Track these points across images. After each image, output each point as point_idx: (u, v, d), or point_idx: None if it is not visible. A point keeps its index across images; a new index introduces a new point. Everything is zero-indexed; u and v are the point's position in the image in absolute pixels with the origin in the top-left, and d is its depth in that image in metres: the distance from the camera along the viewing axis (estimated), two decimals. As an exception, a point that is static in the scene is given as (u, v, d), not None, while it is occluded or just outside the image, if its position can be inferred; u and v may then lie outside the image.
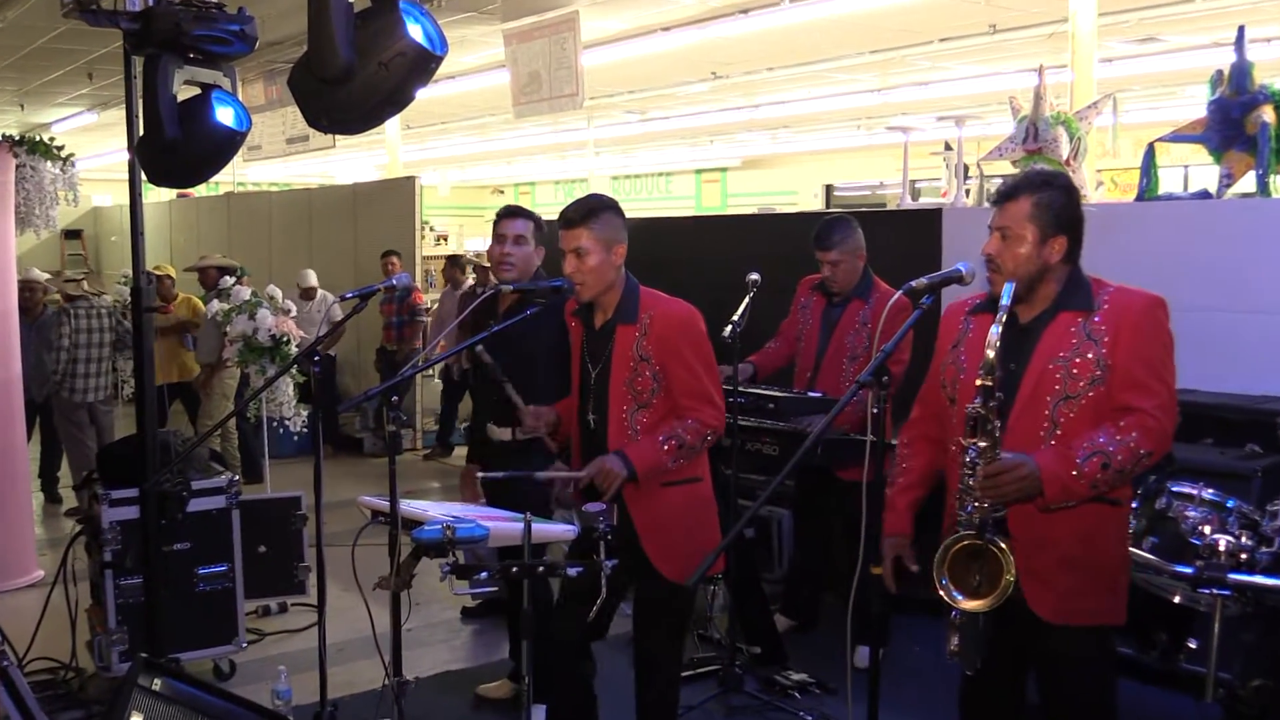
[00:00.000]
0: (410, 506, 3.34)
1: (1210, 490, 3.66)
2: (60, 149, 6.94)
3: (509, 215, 4.63)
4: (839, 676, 5.04)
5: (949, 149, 7.69)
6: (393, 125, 14.02)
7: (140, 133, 4.08)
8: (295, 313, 7.71)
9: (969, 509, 2.93)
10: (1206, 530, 3.43)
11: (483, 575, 3.04)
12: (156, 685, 3.32)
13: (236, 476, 5.52)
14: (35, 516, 7.69)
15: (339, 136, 12.00)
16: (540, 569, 3.07)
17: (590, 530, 3.11)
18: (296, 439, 10.13)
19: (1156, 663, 4.37)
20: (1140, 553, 3.40)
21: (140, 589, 4.87)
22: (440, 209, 24.50)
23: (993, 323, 2.91)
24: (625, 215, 3.78)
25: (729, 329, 4.93)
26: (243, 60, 4.24)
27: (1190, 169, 13.31)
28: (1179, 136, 5.70)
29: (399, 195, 11.74)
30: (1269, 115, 5.24)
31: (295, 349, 7.37)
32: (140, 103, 4.07)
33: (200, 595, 5.26)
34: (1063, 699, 3.09)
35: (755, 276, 5.23)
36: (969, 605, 2.93)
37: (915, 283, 3.02)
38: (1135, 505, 3.46)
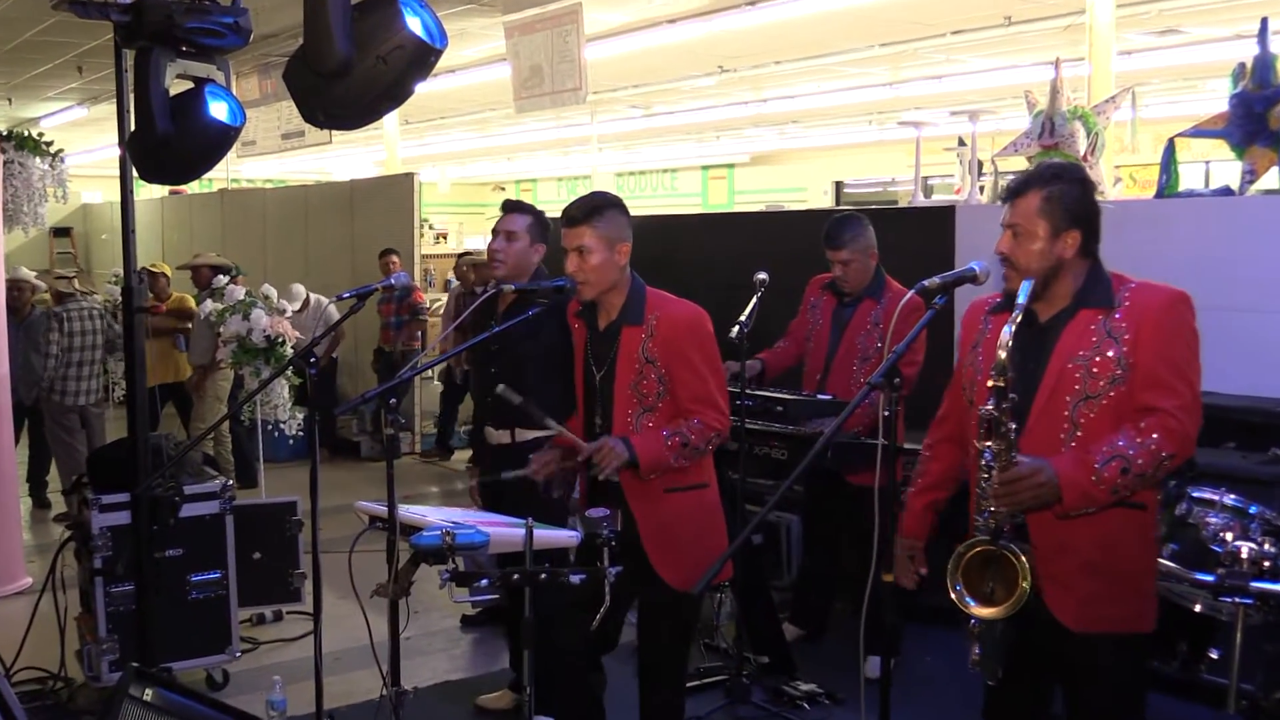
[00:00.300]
0: (409, 512, 3.34)
1: (1232, 496, 3.65)
2: (49, 144, 6.96)
3: (505, 210, 4.67)
4: (849, 687, 5.04)
5: (962, 144, 7.68)
6: (391, 120, 14.04)
7: (131, 128, 4.09)
8: (290, 313, 7.72)
9: (985, 514, 2.93)
10: (1228, 537, 3.42)
11: (483, 583, 3.04)
12: (148, 696, 3.32)
13: (230, 481, 5.52)
14: (23, 522, 7.71)
15: (336, 132, 12.03)
16: (542, 576, 3.07)
17: (594, 537, 3.11)
18: (292, 442, 10.08)
19: (1177, 673, 4.36)
20: (1160, 560, 3.39)
21: (131, 596, 4.87)
22: (440, 206, 24.52)
23: (1010, 322, 2.90)
24: (630, 213, 3.78)
25: (736, 329, 4.93)
26: (237, 53, 4.25)
27: (1212, 165, 13.30)
28: (1200, 131, 5.69)
29: (397, 192, 11.74)
30: (1293, 109, 5.23)
31: (290, 350, 7.38)
32: (131, 97, 4.07)
33: (193, 603, 5.26)
34: (1087, 710, 3.08)
35: (763, 276, 5.23)
36: (982, 612, 2.92)
37: (928, 282, 3.02)
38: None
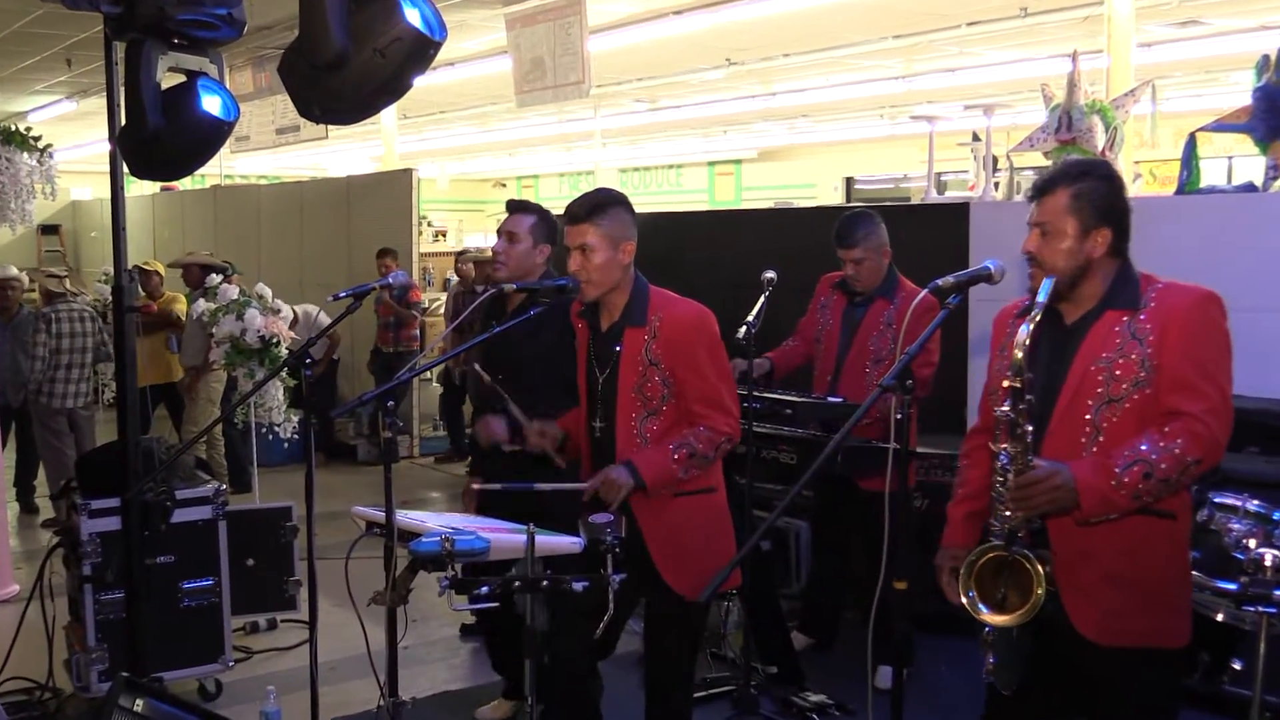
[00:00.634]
0: (407, 517, 3.34)
1: (1255, 502, 3.66)
2: (37, 139, 6.96)
3: (510, 210, 4.68)
4: (859, 698, 5.04)
5: (977, 140, 7.69)
6: (389, 115, 14.05)
7: (122, 122, 4.09)
8: (285, 312, 7.72)
9: (1001, 519, 2.93)
10: (1251, 544, 3.43)
11: (483, 590, 3.04)
12: (138, 706, 3.33)
13: (223, 486, 5.53)
14: (10, 528, 7.71)
15: (332, 127, 12.03)
16: (544, 583, 3.07)
17: (597, 542, 3.12)
18: (286, 446, 10.10)
19: (1199, 685, 4.37)
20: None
21: (121, 604, 4.88)
22: (439, 203, 24.56)
23: (1029, 320, 2.90)
24: (634, 210, 3.79)
25: (743, 329, 4.93)
26: (230, 46, 4.24)
27: (1234, 160, 13.29)
28: (1222, 126, 5.69)
29: (395, 189, 11.75)
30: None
31: (285, 351, 7.38)
32: (122, 91, 4.07)
33: (185, 611, 5.27)
34: None
35: (771, 275, 5.23)
36: (994, 619, 2.92)
37: (942, 281, 3.02)
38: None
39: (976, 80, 13.27)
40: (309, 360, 4.22)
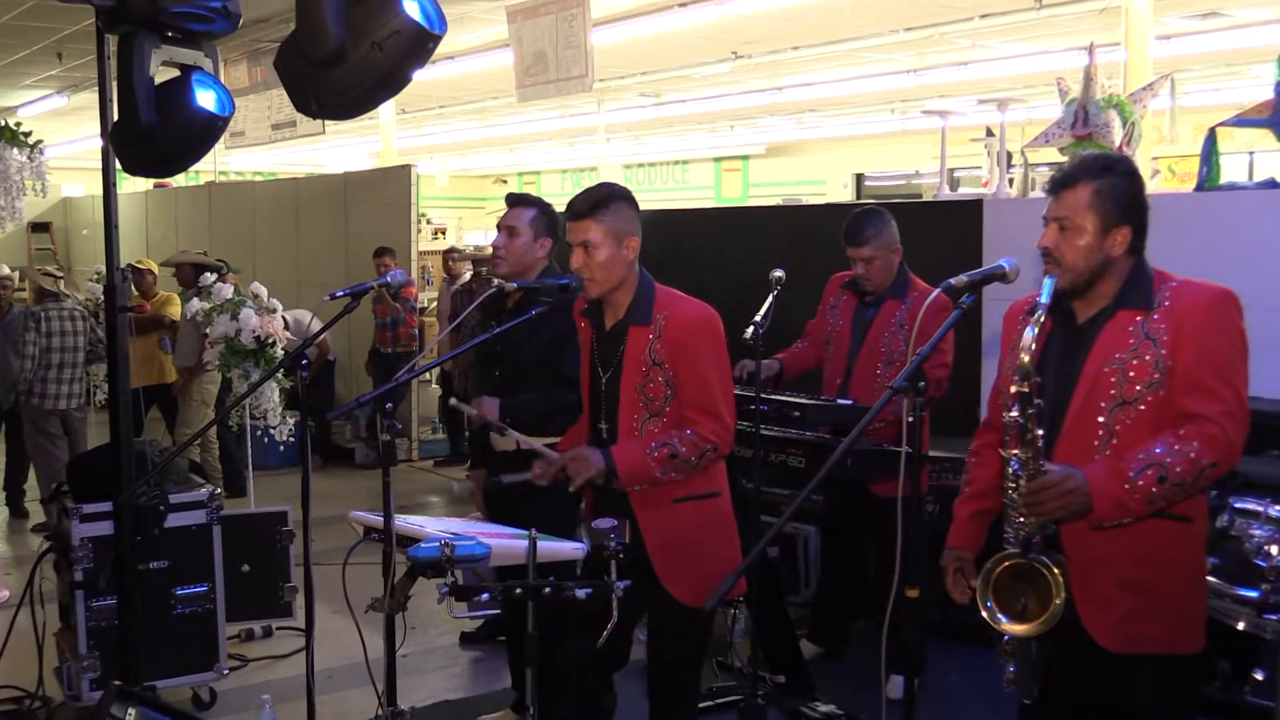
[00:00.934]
0: (406, 522, 3.34)
1: (1277, 507, 3.65)
2: (27, 135, 6.98)
3: (509, 204, 4.66)
4: (871, 708, 5.03)
5: (991, 135, 7.67)
6: (387, 110, 14.06)
7: (114, 117, 4.09)
8: (281, 312, 7.73)
9: (1014, 525, 2.93)
10: (1273, 551, 3.43)
11: (484, 597, 3.04)
12: (130, 716, 3.33)
13: (218, 490, 5.53)
14: None
15: (329, 122, 12.04)
16: (546, 590, 3.07)
17: (600, 549, 3.11)
18: (283, 449, 10.16)
19: (1218, 694, 4.36)
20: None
21: (113, 611, 4.88)
22: (438, 200, 24.57)
23: (1034, 323, 2.90)
24: (639, 206, 3.79)
25: (750, 330, 4.92)
26: (225, 39, 4.26)
27: (1256, 156, 13.29)
28: (1243, 120, 5.69)
29: (393, 185, 11.76)
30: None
31: (281, 352, 7.39)
32: (114, 85, 4.08)
33: (178, 618, 5.27)
34: None
35: (779, 273, 5.22)
36: (1015, 629, 2.92)
37: (955, 280, 3.02)
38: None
39: (990, 74, 13.26)
40: (304, 360, 4.22)
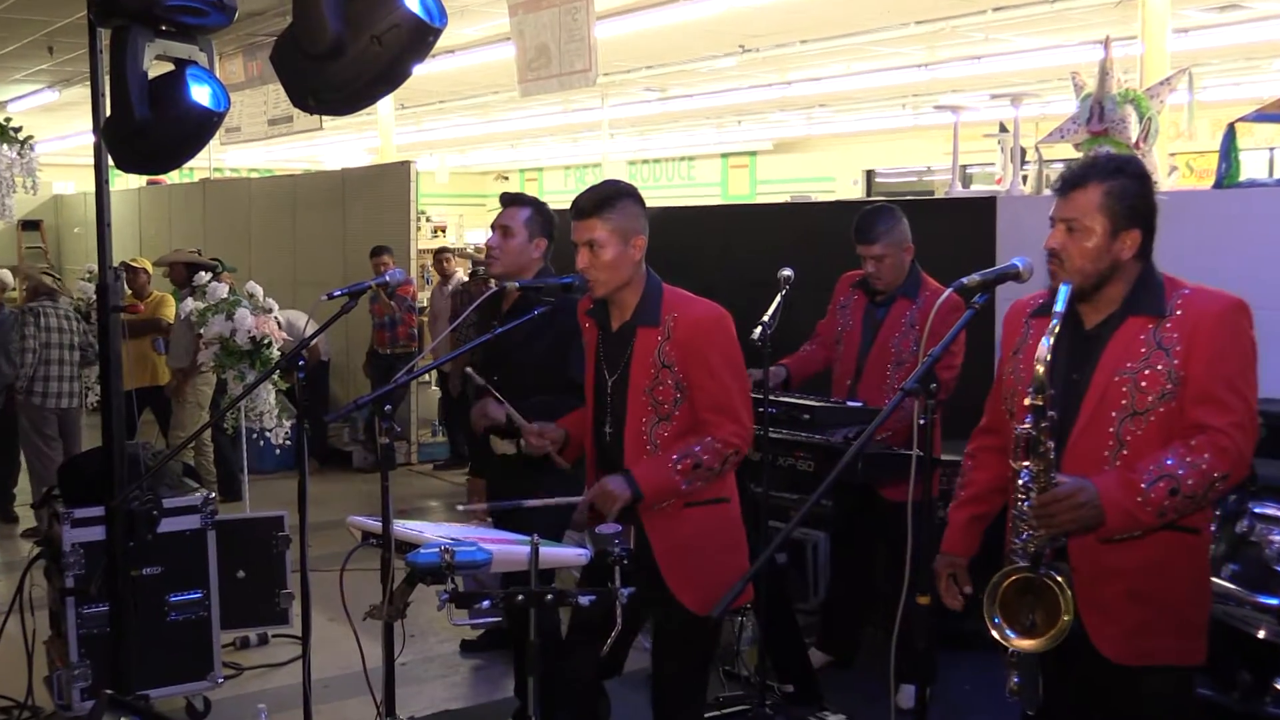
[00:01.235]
0: (405, 528, 3.34)
1: (1298, 512, 3.64)
2: (17, 131, 6.99)
3: (503, 203, 4.68)
4: (881, 718, 5.03)
5: (1004, 131, 7.66)
6: (386, 105, 14.07)
7: (107, 113, 4.10)
8: (277, 312, 7.73)
9: (1023, 538, 2.93)
10: (1294, 557, 3.42)
11: (484, 604, 3.04)
12: (123, 725, 3.33)
13: (212, 494, 5.54)
14: (-11, 538, 7.73)
15: (326, 118, 12.05)
16: (548, 597, 3.07)
17: (604, 555, 3.11)
18: (279, 452, 10.15)
19: (1237, 705, 4.35)
20: (1220, 582, 3.39)
21: (105, 618, 4.88)
22: (438, 197, 24.56)
23: (1049, 333, 2.89)
24: (645, 204, 3.79)
25: (759, 330, 4.92)
26: (221, 33, 4.26)
27: (1276, 152, 13.27)
28: (1263, 116, 5.69)
29: (392, 182, 11.77)
30: (1364, 92, 5.22)
31: (277, 353, 7.39)
32: (107, 80, 4.08)
33: (172, 625, 5.28)
34: None
35: (788, 272, 5.22)
36: (1023, 645, 2.92)
37: (967, 280, 3.02)
38: (1213, 529, 3.45)
39: (1003, 68, 13.25)
40: (301, 361, 4.22)
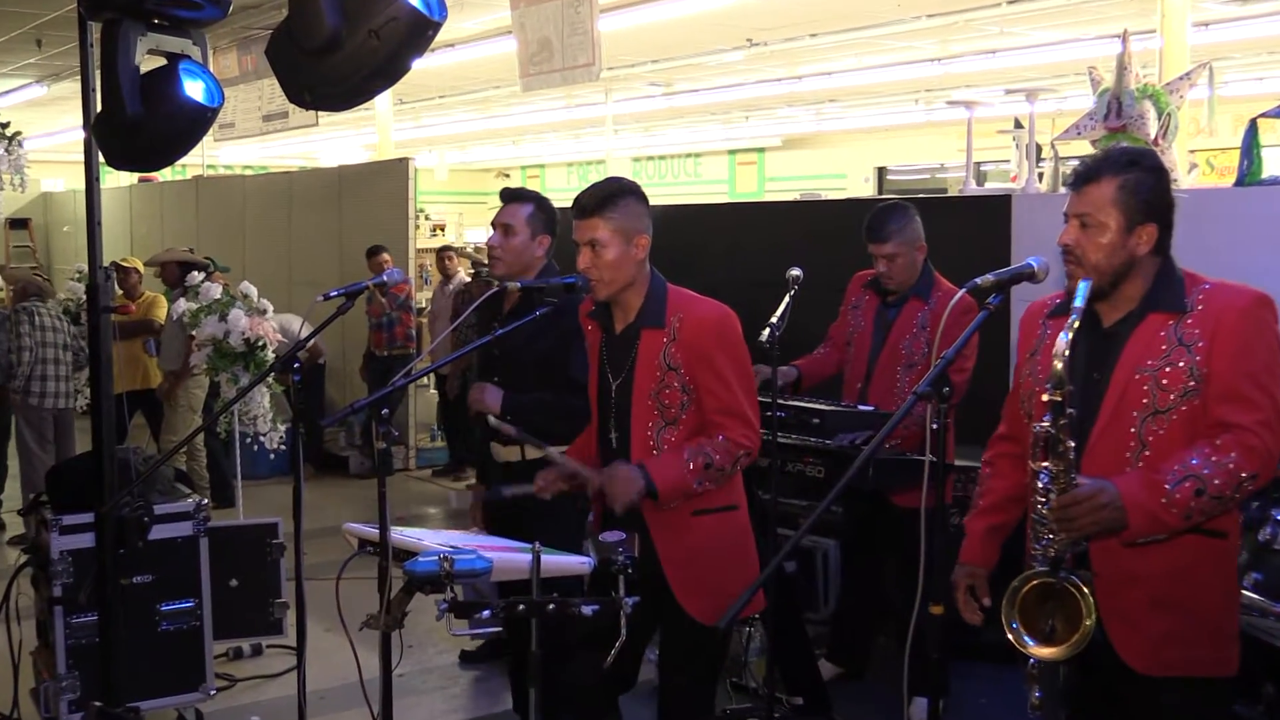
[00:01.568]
0: (403, 535, 3.35)
1: (1323, 519, 3.63)
2: (5, 126, 7.00)
3: (504, 200, 4.63)
4: (893, 732, 5.03)
5: (1019, 127, 7.66)
6: (383, 101, 14.08)
7: (97, 108, 4.10)
8: (272, 313, 7.74)
9: (1043, 542, 2.92)
10: (1319, 566, 3.41)
11: (484, 614, 3.04)
12: (113, 738, 3.34)
13: (205, 500, 5.54)
14: (-24, 545, 7.74)
15: (323, 114, 12.07)
16: (550, 607, 3.07)
17: (608, 563, 3.11)
18: (273, 457, 10.12)
19: (1262, 719, 4.34)
20: (1243, 591, 3.38)
21: (94, 628, 4.89)
22: (437, 195, 24.58)
23: (1068, 328, 2.88)
24: (649, 201, 3.78)
25: (767, 332, 4.91)
26: (215, 27, 4.26)
27: (1299, 149, 13.24)
28: (1286, 112, 5.67)
29: (390, 179, 11.78)
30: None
31: (272, 355, 7.39)
32: (97, 74, 4.09)
33: (163, 635, 5.28)
34: None
35: (797, 272, 5.22)
36: (1042, 653, 2.91)
37: (981, 280, 3.02)
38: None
39: (1018, 63, 13.24)
40: (297, 364, 4.21)
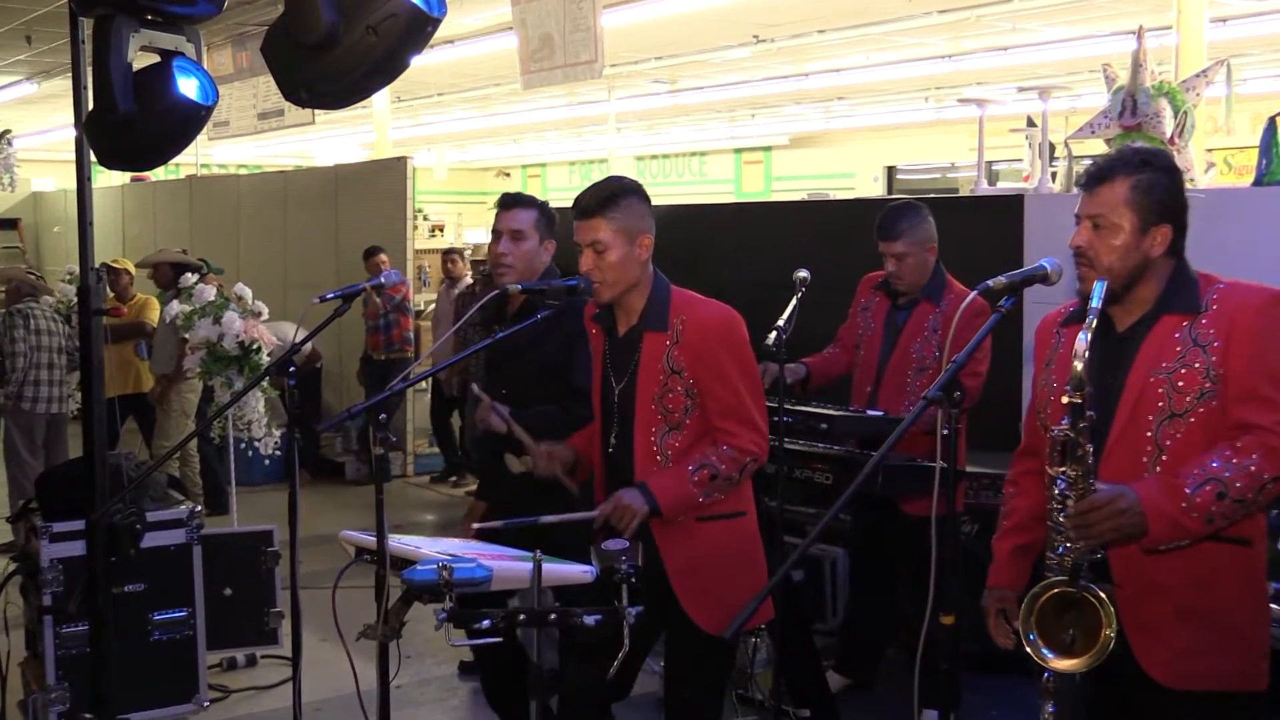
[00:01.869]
0: (400, 543, 3.34)
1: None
2: (-5, 125, 6.99)
3: (506, 206, 4.57)
4: (903, 745, 5.03)
5: (1032, 125, 7.66)
6: (381, 98, 14.09)
7: (89, 106, 4.11)
8: (267, 315, 7.75)
9: (1060, 550, 2.91)
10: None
11: (484, 624, 3.04)
12: (105, 750, 3.34)
13: (198, 507, 5.55)
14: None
15: (319, 112, 12.08)
16: (552, 617, 3.07)
17: (611, 572, 3.11)
18: (268, 463, 10.16)
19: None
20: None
21: (85, 638, 4.89)
22: (436, 195, 24.61)
23: (1086, 329, 2.88)
24: (651, 201, 3.79)
25: (773, 335, 4.91)
26: (209, 23, 4.26)
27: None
28: (1306, 109, 5.67)
29: (388, 179, 11.79)
30: None
31: (267, 358, 7.40)
32: (89, 71, 4.09)
33: (155, 645, 5.28)
34: None
35: (804, 274, 5.22)
36: (1061, 665, 2.89)
37: (993, 282, 3.02)
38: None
39: (1031, 59, 13.25)
40: (292, 368, 4.21)
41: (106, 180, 17.87)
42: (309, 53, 3.61)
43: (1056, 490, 2.90)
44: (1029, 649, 2.92)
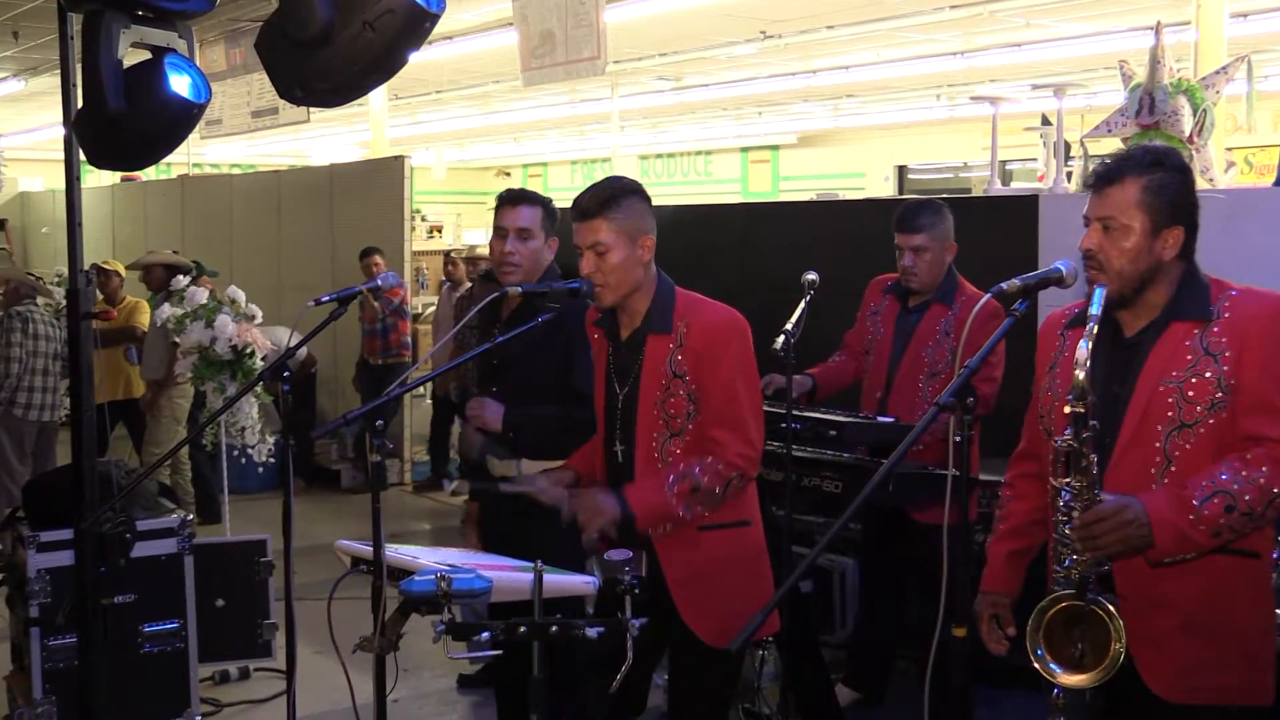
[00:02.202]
0: (398, 553, 3.34)
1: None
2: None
3: (510, 202, 4.50)
4: (914, 761, 5.02)
5: (1047, 124, 7.67)
6: (378, 96, 14.12)
7: (78, 104, 4.11)
8: (261, 319, 7.75)
9: (1066, 564, 2.91)
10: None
11: (484, 636, 3.04)
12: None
13: (190, 515, 5.55)
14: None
15: (314, 110, 12.08)
16: (553, 629, 3.07)
17: (614, 583, 3.11)
18: (261, 471, 10.15)
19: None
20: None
21: (73, 651, 4.89)
22: (434, 194, 24.62)
23: (1087, 336, 2.88)
24: (652, 201, 3.78)
25: (781, 339, 4.91)
26: (201, 19, 4.27)
27: (1343, 147, 13.22)
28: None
29: (385, 179, 11.79)
30: None
31: (261, 362, 7.40)
32: (78, 68, 4.10)
33: (146, 658, 5.28)
34: None
35: (812, 276, 5.22)
36: (1070, 680, 2.90)
37: (1006, 285, 3.02)
38: (1275, 556, 3.43)
39: (1046, 56, 13.26)
40: (287, 373, 4.22)
41: (96, 180, 17.88)
42: (304, 49, 3.62)
43: (1061, 502, 2.90)
44: (1037, 664, 2.92)
